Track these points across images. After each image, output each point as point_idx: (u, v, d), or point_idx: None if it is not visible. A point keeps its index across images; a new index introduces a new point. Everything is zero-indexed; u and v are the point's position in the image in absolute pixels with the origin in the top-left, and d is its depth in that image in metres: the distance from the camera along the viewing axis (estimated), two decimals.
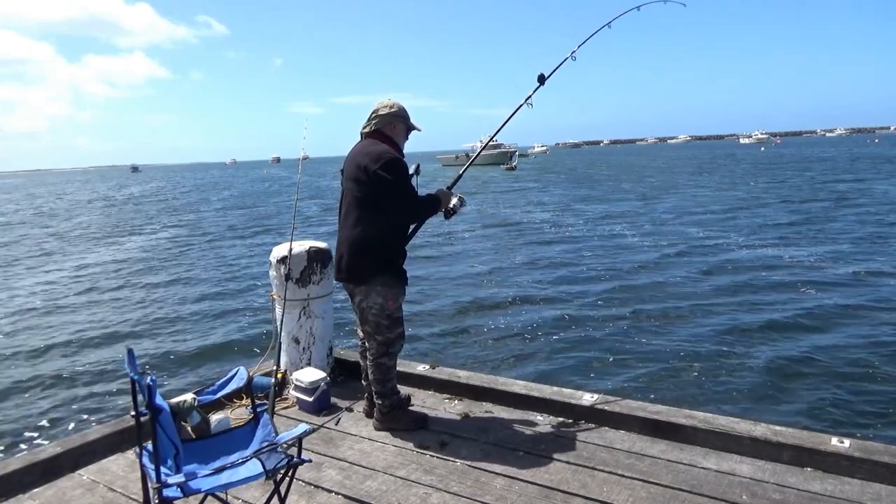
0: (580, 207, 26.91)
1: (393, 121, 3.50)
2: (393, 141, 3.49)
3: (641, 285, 11.62)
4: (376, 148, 3.37)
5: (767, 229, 17.78)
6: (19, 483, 3.03)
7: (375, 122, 3.48)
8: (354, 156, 3.45)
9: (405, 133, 3.59)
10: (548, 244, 17.18)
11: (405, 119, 3.55)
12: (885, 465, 2.76)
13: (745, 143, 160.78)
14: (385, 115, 3.48)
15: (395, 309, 3.44)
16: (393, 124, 3.50)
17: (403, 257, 3.49)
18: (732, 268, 12.65)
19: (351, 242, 3.41)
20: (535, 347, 8.29)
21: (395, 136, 3.51)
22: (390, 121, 3.49)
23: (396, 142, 3.51)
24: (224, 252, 18.84)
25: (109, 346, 9.44)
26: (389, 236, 3.41)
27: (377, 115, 3.49)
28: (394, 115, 3.49)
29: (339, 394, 4.06)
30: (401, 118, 3.52)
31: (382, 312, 3.42)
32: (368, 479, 3.02)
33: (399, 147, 3.52)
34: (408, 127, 3.58)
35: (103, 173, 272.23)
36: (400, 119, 3.52)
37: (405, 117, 3.54)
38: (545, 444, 3.29)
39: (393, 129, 3.51)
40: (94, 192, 70.95)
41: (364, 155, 3.36)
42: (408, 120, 3.56)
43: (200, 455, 2.43)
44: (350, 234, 3.42)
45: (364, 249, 3.37)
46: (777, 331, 8.45)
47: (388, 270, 3.41)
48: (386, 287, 3.40)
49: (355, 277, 3.44)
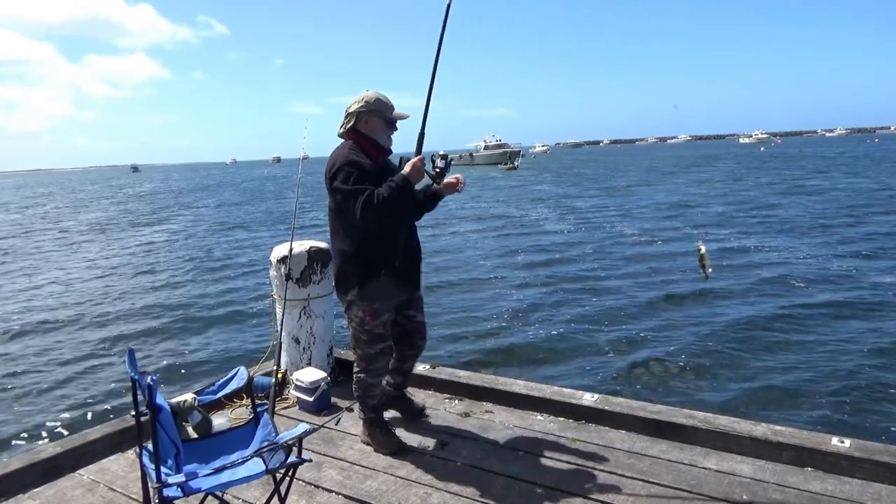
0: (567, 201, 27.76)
1: (364, 117, 3.16)
2: (370, 139, 3.17)
3: (641, 285, 11.61)
4: (335, 153, 3.12)
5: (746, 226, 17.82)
6: (19, 483, 3.03)
7: (347, 121, 3.19)
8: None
9: (384, 127, 3.19)
10: (546, 242, 17.19)
11: (380, 111, 3.16)
12: (885, 465, 2.76)
13: (744, 142, 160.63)
14: (353, 113, 3.16)
15: (374, 325, 3.18)
16: (365, 120, 3.16)
17: (390, 267, 3.06)
18: (731, 267, 12.64)
19: (333, 254, 3.30)
20: (535, 347, 8.28)
21: (371, 134, 3.17)
22: (362, 117, 3.16)
23: (374, 139, 3.17)
24: (224, 252, 18.84)
25: (110, 346, 9.44)
26: (366, 246, 3.08)
27: (347, 113, 3.19)
28: (365, 111, 3.15)
29: (340, 394, 4.05)
30: (374, 112, 3.15)
31: (361, 327, 3.19)
32: (368, 479, 3.02)
33: (378, 144, 3.18)
34: (387, 120, 3.18)
35: (103, 173, 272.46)
36: (373, 113, 3.15)
37: (379, 110, 3.16)
38: (545, 444, 3.29)
39: (366, 126, 3.17)
40: (91, 191, 70.96)
41: (328, 162, 3.12)
42: (385, 112, 3.17)
43: (201, 455, 2.43)
44: (331, 246, 3.29)
45: (342, 261, 3.20)
46: (777, 330, 8.44)
47: (366, 283, 3.10)
48: (365, 301, 3.14)
49: (337, 289, 3.29)
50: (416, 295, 3.41)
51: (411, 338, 3.45)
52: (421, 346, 3.52)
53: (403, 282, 3.19)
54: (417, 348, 3.51)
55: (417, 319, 3.43)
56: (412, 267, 3.28)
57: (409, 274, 3.25)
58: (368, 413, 3.36)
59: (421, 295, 3.48)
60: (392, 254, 3.06)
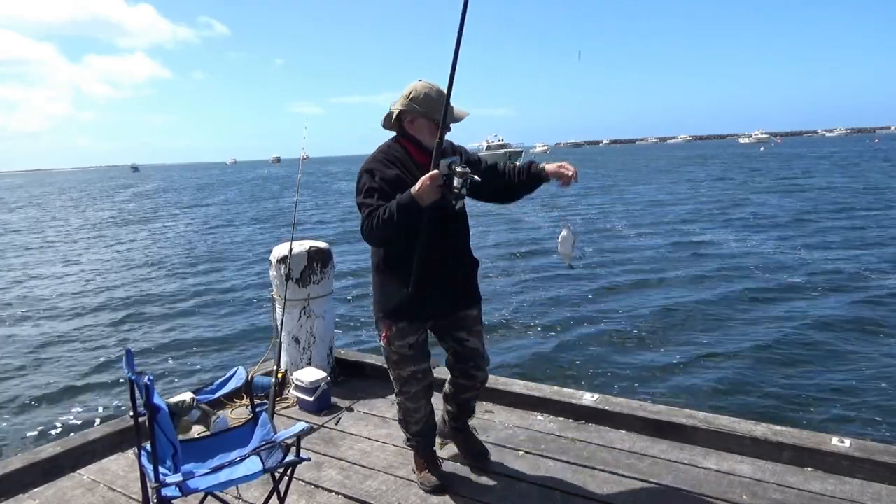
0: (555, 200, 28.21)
1: (408, 116, 2.71)
2: (414, 139, 2.73)
3: (641, 285, 11.61)
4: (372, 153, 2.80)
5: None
6: (19, 483, 3.03)
7: (390, 116, 2.77)
8: None
9: (432, 130, 2.64)
10: (543, 241, 17.19)
11: (427, 114, 2.67)
12: (885, 465, 2.76)
13: (744, 142, 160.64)
14: (396, 112, 2.73)
15: (400, 346, 2.80)
16: (410, 120, 2.72)
17: (408, 286, 2.62)
18: (729, 265, 12.64)
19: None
20: (535, 347, 8.29)
21: (416, 134, 2.73)
22: (405, 117, 2.72)
23: (419, 140, 2.72)
24: (224, 251, 18.83)
25: (110, 345, 9.44)
26: (389, 258, 2.76)
27: (391, 108, 2.77)
28: (407, 112, 2.71)
29: (340, 394, 4.05)
30: (419, 114, 2.68)
31: (388, 346, 2.84)
32: (368, 479, 3.02)
33: (422, 146, 2.70)
34: (435, 121, 2.61)
35: (103, 173, 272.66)
36: (418, 114, 2.69)
37: (426, 112, 2.66)
38: (545, 444, 3.29)
39: (412, 126, 2.73)
40: (91, 191, 70.99)
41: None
42: (433, 114, 2.63)
43: (199, 454, 2.42)
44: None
45: (372, 273, 2.91)
46: (778, 330, 8.44)
47: (388, 299, 2.78)
48: (388, 319, 2.80)
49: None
50: (464, 315, 2.90)
51: (464, 364, 2.96)
52: (477, 377, 2.98)
53: (436, 300, 2.77)
54: (474, 380, 2.98)
55: (470, 345, 2.92)
56: (450, 282, 2.80)
57: (445, 291, 2.79)
58: (410, 440, 3.03)
59: (474, 315, 2.94)
60: (417, 267, 2.60)
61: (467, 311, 2.91)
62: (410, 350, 2.81)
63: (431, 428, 3.03)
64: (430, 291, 2.70)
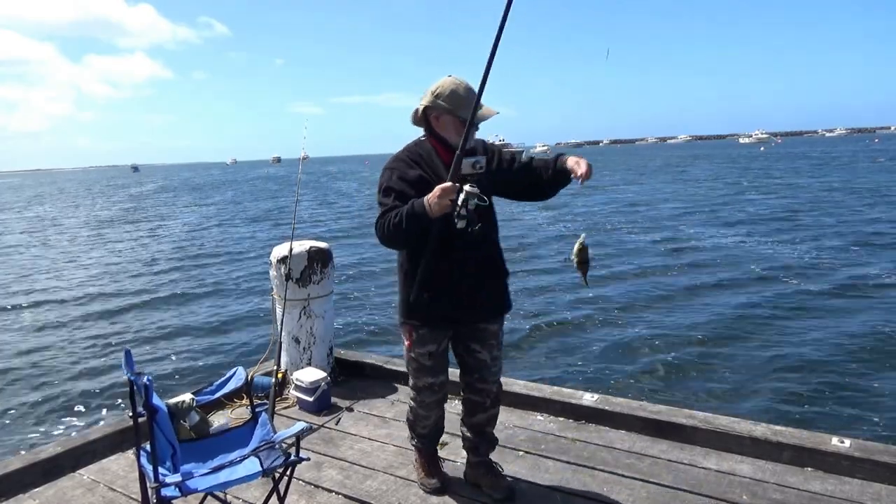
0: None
1: (433, 112, 2.60)
2: (440, 137, 2.61)
3: (640, 284, 11.60)
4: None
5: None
6: (19, 483, 3.03)
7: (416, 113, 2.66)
8: None
9: (458, 127, 2.52)
10: (542, 241, 17.19)
11: (453, 111, 2.55)
12: (885, 465, 2.76)
13: (744, 142, 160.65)
14: (421, 108, 2.63)
15: (419, 353, 2.72)
16: (436, 116, 2.60)
17: (432, 288, 2.58)
18: (729, 265, 12.64)
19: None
20: (534, 347, 8.28)
21: (441, 131, 2.61)
22: (431, 113, 2.61)
23: (444, 137, 2.60)
24: (224, 251, 18.83)
25: (110, 345, 9.43)
26: (411, 260, 2.64)
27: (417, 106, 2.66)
28: (432, 108, 2.59)
29: (340, 394, 4.06)
30: (444, 111, 2.56)
31: (407, 351, 2.78)
32: (368, 479, 3.02)
33: (448, 144, 2.57)
34: (461, 119, 2.50)
35: (103, 173, 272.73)
36: (443, 111, 2.56)
37: (452, 109, 2.54)
38: (545, 444, 3.29)
39: (437, 122, 2.61)
40: (91, 191, 71.05)
41: None
42: (459, 111, 2.53)
43: (198, 455, 2.43)
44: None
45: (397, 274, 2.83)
46: (778, 330, 8.43)
47: (409, 303, 2.65)
48: (408, 322, 2.72)
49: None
50: (484, 327, 2.75)
51: (468, 376, 2.83)
52: (484, 390, 2.82)
53: (455, 307, 2.65)
54: (481, 394, 2.83)
55: (479, 356, 2.77)
56: (471, 291, 2.65)
57: (465, 299, 2.65)
58: (415, 441, 2.99)
59: (493, 329, 2.78)
60: (437, 271, 2.55)
61: (487, 324, 2.76)
62: (430, 360, 2.73)
63: (438, 432, 3.00)
64: (452, 299, 2.63)
